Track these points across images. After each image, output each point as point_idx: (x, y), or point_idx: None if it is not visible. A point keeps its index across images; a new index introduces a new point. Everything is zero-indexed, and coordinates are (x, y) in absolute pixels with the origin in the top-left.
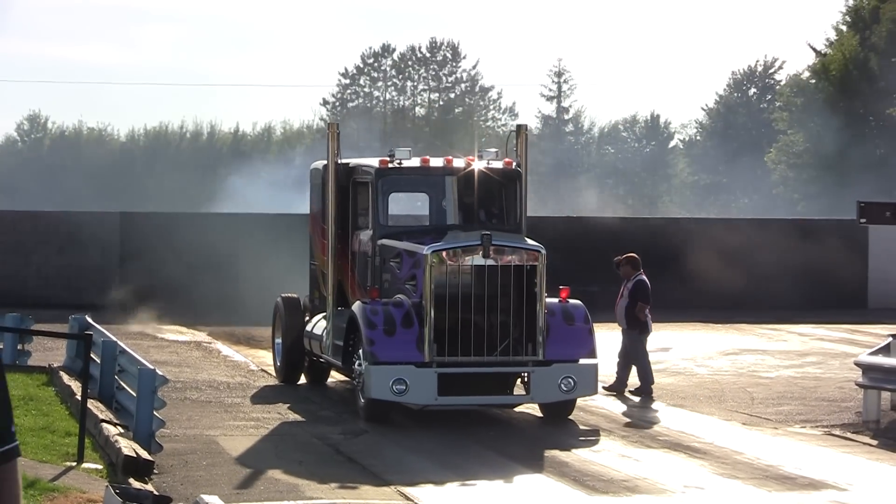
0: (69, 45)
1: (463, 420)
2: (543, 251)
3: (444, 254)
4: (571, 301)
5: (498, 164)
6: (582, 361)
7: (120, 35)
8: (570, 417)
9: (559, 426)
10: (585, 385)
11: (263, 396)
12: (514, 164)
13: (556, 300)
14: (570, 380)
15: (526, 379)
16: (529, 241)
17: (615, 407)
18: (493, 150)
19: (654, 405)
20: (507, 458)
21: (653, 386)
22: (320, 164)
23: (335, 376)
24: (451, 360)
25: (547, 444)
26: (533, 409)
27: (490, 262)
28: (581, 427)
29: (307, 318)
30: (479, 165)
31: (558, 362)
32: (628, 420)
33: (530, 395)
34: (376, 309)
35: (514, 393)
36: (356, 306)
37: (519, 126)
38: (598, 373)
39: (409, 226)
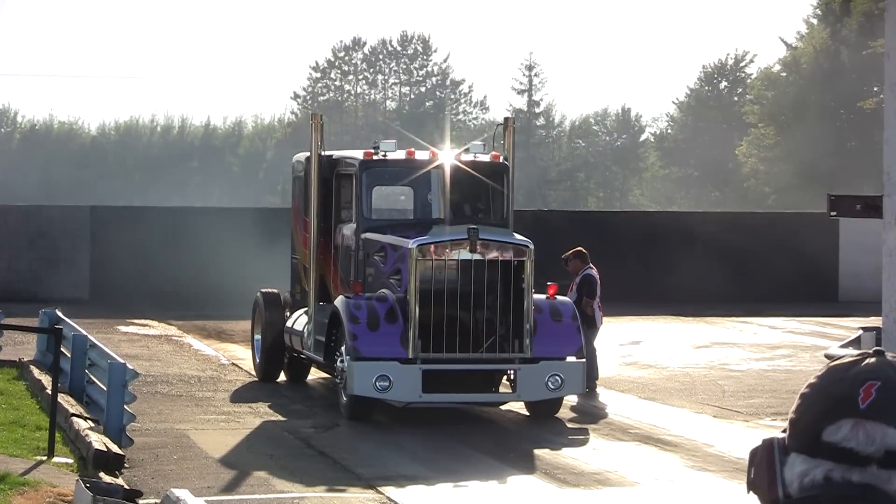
0: (39, 37)
1: (441, 417)
2: (531, 246)
3: (429, 248)
4: (559, 297)
5: (485, 158)
6: (569, 359)
7: (88, 27)
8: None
9: (539, 423)
10: (573, 383)
11: (235, 390)
12: (502, 157)
13: (543, 297)
14: (557, 378)
15: (512, 376)
16: (517, 236)
17: (585, 400)
18: (480, 143)
19: (625, 398)
20: (477, 452)
21: (597, 381)
22: (303, 155)
23: (315, 374)
24: (435, 356)
25: (518, 438)
26: (519, 408)
27: (477, 256)
28: (568, 425)
29: (287, 313)
30: (466, 159)
31: (545, 360)
32: (599, 413)
33: (517, 392)
34: (359, 303)
35: (500, 391)
36: (339, 300)
37: (507, 119)
38: (585, 371)
39: (394, 219)
